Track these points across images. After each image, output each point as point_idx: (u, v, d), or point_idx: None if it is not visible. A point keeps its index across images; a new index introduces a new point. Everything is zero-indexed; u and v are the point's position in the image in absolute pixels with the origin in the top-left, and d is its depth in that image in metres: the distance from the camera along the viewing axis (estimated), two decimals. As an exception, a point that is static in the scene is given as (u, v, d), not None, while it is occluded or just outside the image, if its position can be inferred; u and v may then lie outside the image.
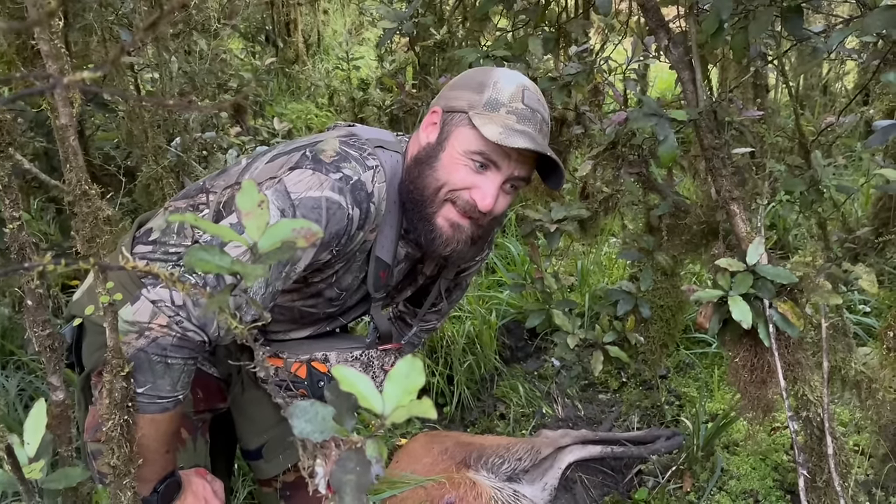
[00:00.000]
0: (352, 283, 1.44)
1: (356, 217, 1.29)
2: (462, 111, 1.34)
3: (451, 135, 1.34)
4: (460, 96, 1.36)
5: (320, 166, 1.27)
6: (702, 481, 2.29)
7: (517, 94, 1.34)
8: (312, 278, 1.39)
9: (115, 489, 1.15)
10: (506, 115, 1.32)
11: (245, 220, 0.62)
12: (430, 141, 1.37)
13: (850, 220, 2.58)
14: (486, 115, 1.32)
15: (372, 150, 1.36)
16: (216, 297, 0.62)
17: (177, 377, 1.18)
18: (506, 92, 1.34)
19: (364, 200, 1.30)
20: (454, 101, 1.36)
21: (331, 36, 7.13)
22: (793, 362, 1.65)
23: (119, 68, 2.08)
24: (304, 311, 1.47)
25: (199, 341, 1.18)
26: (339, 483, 0.57)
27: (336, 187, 1.25)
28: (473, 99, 1.34)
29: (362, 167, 1.31)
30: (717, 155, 1.72)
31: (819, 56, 1.60)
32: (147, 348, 1.14)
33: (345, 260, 1.38)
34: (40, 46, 0.85)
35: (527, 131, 1.31)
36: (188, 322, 1.15)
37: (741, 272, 1.58)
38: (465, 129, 1.33)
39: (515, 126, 1.31)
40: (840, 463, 1.67)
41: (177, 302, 1.15)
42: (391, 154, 1.40)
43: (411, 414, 0.57)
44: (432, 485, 1.98)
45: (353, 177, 1.28)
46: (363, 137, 1.39)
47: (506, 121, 1.31)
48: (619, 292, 2.12)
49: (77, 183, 0.96)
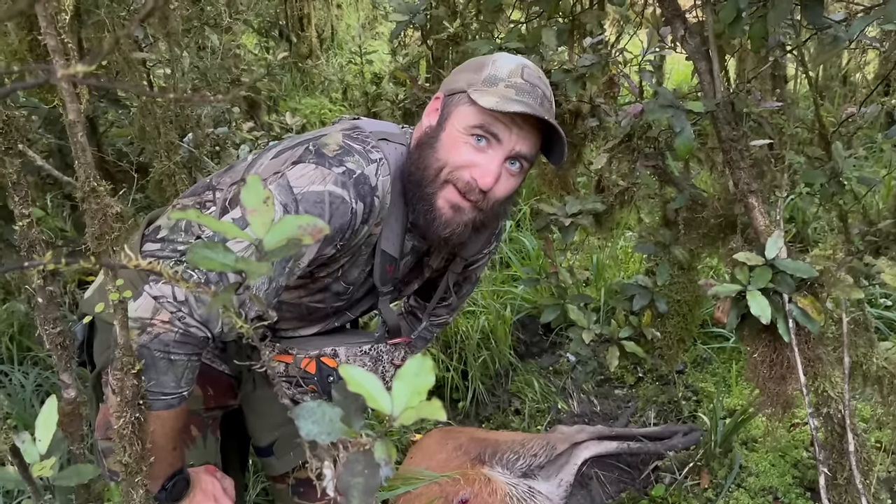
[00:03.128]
0: (358, 277, 1.43)
1: (360, 211, 1.27)
2: (461, 91, 1.33)
3: (450, 115, 1.33)
4: (460, 78, 1.35)
5: (323, 160, 1.26)
6: (720, 478, 2.26)
7: (516, 70, 1.33)
8: (318, 273, 1.37)
9: (126, 487, 1.14)
10: (504, 89, 1.30)
11: (250, 217, 0.61)
12: (432, 124, 1.36)
13: (872, 213, 2.53)
14: (485, 89, 1.31)
15: (376, 143, 1.34)
16: (220, 296, 0.61)
17: (180, 373, 1.16)
18: (504, 69, 1.33)
19: (368, 194, 1.28)
20: (454, 84, 1.36)
21: (344, 30, 7.13)
22: (813, 358, 1.62)
23: (131, 64, 2.08)
24: (312, 307, 1.46)
25: (203, 337, 1.17)
26: (347, 486, 0.56)
27: (339, 181, 1.24)
28: (472, 78, 1.33)
29: (366, 160, 1.29)
30: (734, 147, 1.69)
31: (840, 45, 1.56)
32: (150, 344, 1.13)
33: (350, 254, 1.36)
34: (47, 41, 0.84)
35: (526, 101, 1.30)
36: (190, 318, 1.15)
37: (760, 266, 1.54)
38: (464, 106, 1.32)
39: (514, 97, 1.29)
40: (861, 460, 1.64)
41: (179, 298, 1.14)
42: (395, 146, 1.38)
43: (420, 416, 0.55)
44: (447, 481, 1.97)
45: (357, 170, 1.27)
46: (367, 130, 1.37)
47: (504, 93, 1.30)
48: (635, 287, 2.09)
49: (86, 179, 0.95)
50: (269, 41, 5.63)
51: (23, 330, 2.66)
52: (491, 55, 1.38)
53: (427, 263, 1.57)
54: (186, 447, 1.42)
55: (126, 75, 2.17)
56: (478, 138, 1.30)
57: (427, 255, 1.55)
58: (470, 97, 1.30)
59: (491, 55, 1.38)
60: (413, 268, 1.55)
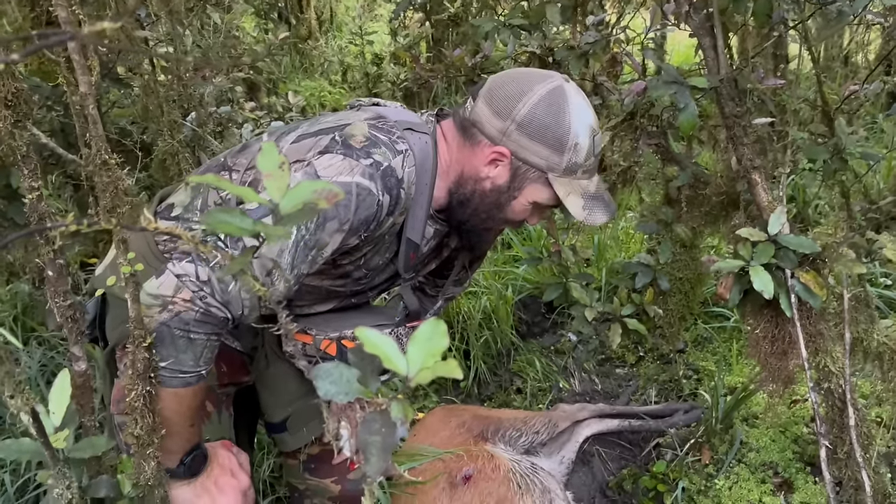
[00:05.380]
0: (379, 264, 1.44)
1: (386, 203, 1.28)
2: (539, 169, 1.38)
3: (524, 186, 1.40)
4: (538, 152, 1.36)
5: (351, 151, 1.26)
6: (720, 454, 2.28)
7: (591, 149, 1.39)
8: (341, 260, 1.39)
9: (138, 459, 1.16)
10: (581, 176, 1.40)
11: (266, 182, 0.62)
12: (497, 181, 1.40)
13: (872, 192, 2.54)
14: (566, 180, 1.38)
15: (401, 134, 1.35)
16: (238, 259, 0.61)
17: (199, 352, 1.18)
18: (583, 152, 1.38)
19: (394, 187, 1.29)
20: (528, 153, 1.37)
21: (344, 12, 7.09)
22: (814, 333, 1.63)
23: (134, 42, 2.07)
24: (332, 290, 1.47)
25: (223, 318, 1.18)
26: (365, 444, 0.57)
27: (367, 173, 1.24)
28: (552, 160, 1.37)
29: (392, 152, 1.30)
30: (738, 123, 1.69)
31: (844, 20, 1.56)
32: (170, 322, 1.14)
33: (373, 244, 1.38)
34: (58, 13, 0.84)
35: (600, 195, 1.42)
36: (212, 298, 1.15)
37: (763, 242, 1.55)
38: (541, 186, 1.40)
39: (591, 189, 1.41)
40: (861, 434, 1.65)
41: (202, 277, 1.15)
42: (419, 136, 1.39)
43: (436, 374, 0.56)
44: (450, 457, 1.99)
45: (384, 163, 1.27)
46: (391, 120, 1.38)
47: (583, 185, 1.40)
48: (637, 265, 2.10)
49: (97, 152, 0.96)
50: (269, 23, 5.60)
51: (27, 310, 2.67)
52: (565, 123, 1.35)
53: (447, 244, 1.59)
54: (202, 423, 1.44)
55: (131, 52, 2.16)
56: (542, 209, 1.46)
57: (447, 236, 1.57)
58: (550, 183, 1.38)
59: (565, 123, 1.35)
60: (433, 249, 1.57)
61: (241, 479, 1.33)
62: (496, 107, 1.36)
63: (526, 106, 1.35)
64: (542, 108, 1.35)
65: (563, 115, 1.35)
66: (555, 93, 1.36)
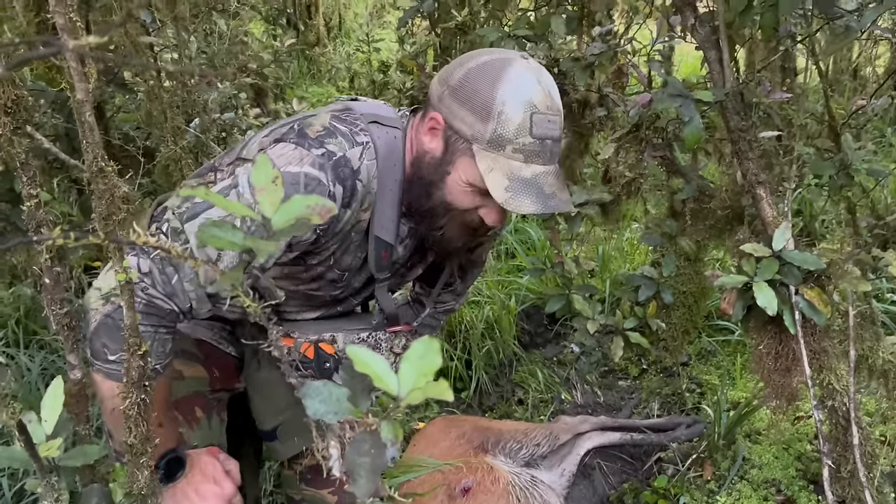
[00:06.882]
0: (352, 264, 1.41)
1: (339, 194, 1.24)
2: (465, 138, 1.27)
3: (455, 159, 1.29)
4: (464, 118, 1.26)
5: (303, 141, 1.23)
6: (723, 470, 2.26)
7: (524, 124, 1.24)
8: (309, 260, 1.36)
9: (132, 468, 1.15)
10: (511, 154, 1.25)
11: (259, 196, 0.61)
12: (434, 153, 1.32)
13: (879, 207, 2.52)
14: (491, 154, 1.25)
15: (364, 126, 1.31)
16: (229, 274, 0.61)
17: (149, 346, 1.16)
18: (512, 124, 1.24)
19: (348, 177, 1.25)
20: (457, 120, 1.27)
21: (352, 19, 7.11)
22: (818, 350, 1.61)
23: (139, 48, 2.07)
24: (310, 295, 1.45)
25: (168, 310, 1.17)
26: (354, 465, 0.56)
27: (317, 163, 1.21)
28: (477, 129, 1.25)
29: (349, 143, 1.26)
30: (743, 137, 1.68)
31: (851, 35, 1.55)
32: (113, 314, 1.13)
33: (338, 241, 1.34)
34: (56, 20, 0.84)
35: (537, 184, 1.26)
36: (153, 289, 1.15)
37: (767, 257, 1.54)
38: (470, 160, 1.27)
39: (523, 174, 1.25)
40: (865, 453, 1.63)
41: (143, 269, 1.14)
42: (388, 130, 1.34)
43: (427, 396, 0.55)
44: (449, 469, 1.97)
45: (337, 153, 1.24)
46: (358, 112, 1.34)
47: (513, 166, 1.25)
48: (640, 277, 2.09)
49: (93, 160, 0.95)
50: (277, 29, 5.63)
51: (29, 314, 2.67)
52: (496, 88, 1.24)
53: (429, 246, 1.56)
54: (190, 428, 1.42)
55: (134, 59, 2.17)
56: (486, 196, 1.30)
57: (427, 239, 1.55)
58: (475, 157, 1.26)
59: (496, 88, 1.24)
60: (415, 251, 1.53)
61: (226, 486, 1.27)
62: (442, 75, 1.32)
63: (462, 70, 1.28)
64: (475, 73, 1.27)
65: (496, 81, 1.24)
66: (496, 63, 1.27)
